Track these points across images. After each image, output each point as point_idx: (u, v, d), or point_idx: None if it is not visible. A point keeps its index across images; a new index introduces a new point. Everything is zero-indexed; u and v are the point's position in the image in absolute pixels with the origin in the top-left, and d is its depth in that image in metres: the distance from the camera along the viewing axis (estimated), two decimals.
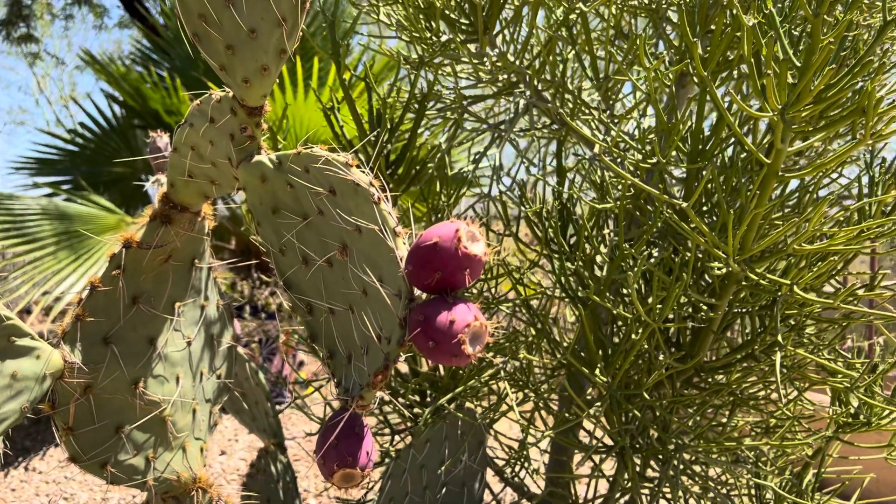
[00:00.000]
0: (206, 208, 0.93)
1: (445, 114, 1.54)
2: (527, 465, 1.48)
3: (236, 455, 3.37)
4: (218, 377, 1.02)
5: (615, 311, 1.17)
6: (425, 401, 1.55)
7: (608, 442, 1.34)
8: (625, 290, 1.34)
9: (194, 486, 0.94)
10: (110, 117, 5.08)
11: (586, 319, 1.19)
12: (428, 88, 1.41)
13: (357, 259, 0.69)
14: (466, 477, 1.36)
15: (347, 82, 1.34)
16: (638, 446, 1.29)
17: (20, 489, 2.98)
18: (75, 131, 5.20)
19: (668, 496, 1.28)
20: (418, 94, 1.41)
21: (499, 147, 1.53)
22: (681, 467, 1.23)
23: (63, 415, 0.81)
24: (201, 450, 0.97)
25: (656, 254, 1.31)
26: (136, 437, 0.87)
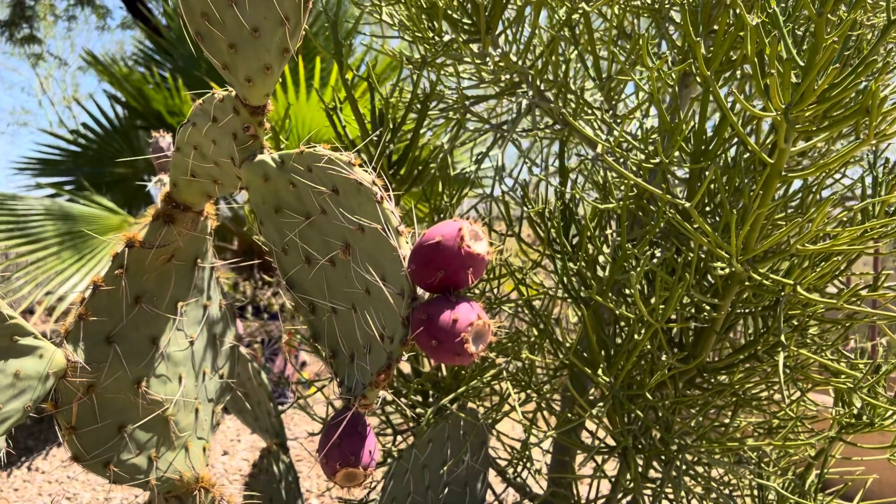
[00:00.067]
0: (209, 208, 0.93)
1: (448, 114, 1.54)
2: (529, 465, 1.48)
3: (239, 455, 3.37)
4: (220, 377, 1.02)
5: (618, 312, 1.17)
6: (428, 401, 1.55)
7: (611, 442, 1.34)
8: (627, 291, 1.33)
9: (197, 486, 0.94)
10: (113, 118, 5.10)
11: (589, 320, 1.19)
12: (430, 88, 1.41)
13: (360, 258, 0.69)
14: (469, 477, 1.36)
15: (350, 82, 1.34)
16: (640, 447, 1.29)
17: (23, 489, 2.99)
18: (78, 132, 5.22)
19: (671, 497, 1.28)
20: (421, 94, 1.41)
21: (501, 147, 1.53)
22: (683, 468, 1.23)
23: (66, 414, 0.81)
24: (204, 449, 0.97)
25: (659, 254, 1.30)
26: (138, 436, 0.87)
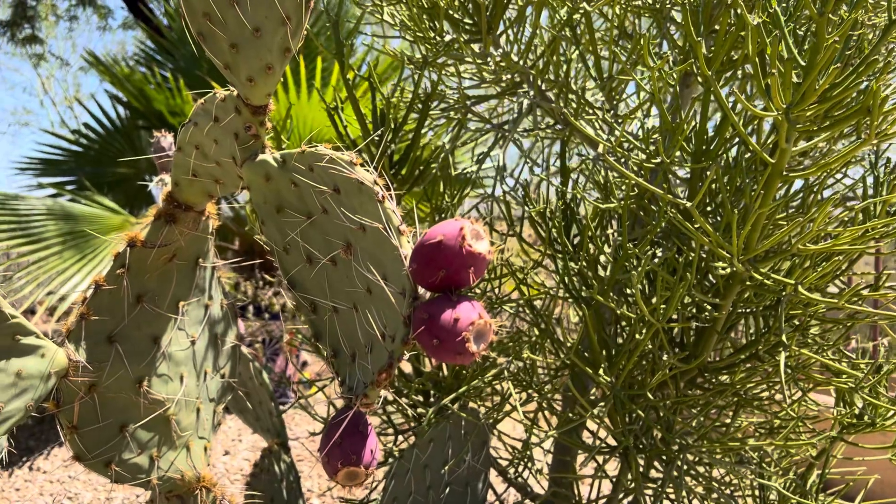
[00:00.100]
0: (211, 207, 0.94)
1: (449, 114, 1.54)
2: (530, 465, 1.48)
3: (240, 455, 3.37)
4: (222, 376, 1.02)
5: (619, 311, 1.17)
6: (429, 401, 1.55)
7: (612, 442, 1.34)
8: (628, 290, 1.33)
9: (198, 485, 0.94)
10: (114, 118, 5.11)
11: (590, 319, 1.19)
12: (431, 88, 1.41)
13: (361, 257, 0.69)
14: (470, 477, 1.36)
15: (351, 82, 1.34)
16: (641, 447, 1.29)
17: (24, 489, 2.99)
18: (79, 132, 5.22)
19: (672, 497, 1.28)
20: (422, 94, 1.41)
21: (502, 147, 1.53)
22: (684, 468, 1.23)
23: (67, 413, 0.81)
24: (205, 449, 0.98)
25: (660, 254, 1.30)
26: (140, 435, 0.87)
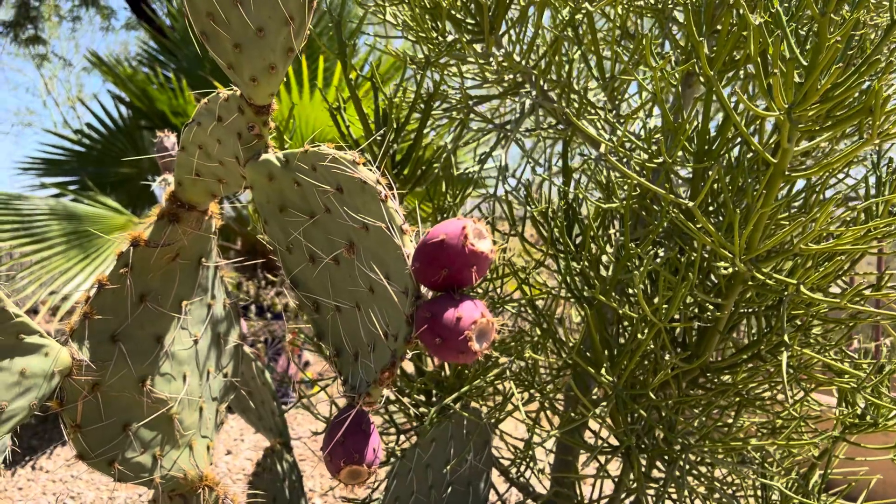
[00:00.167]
0: (214, 207, 0.94)
1: (451, 114, 1.54)
2: (532, 464, 1.48)
3: (242, 454, 3.38)
4: (224, 376, 1.02)
5: (621, 311, 1.17)
6: (431, 400, 1.55)
7: (614, 442, 1.34)
8: (631, 290, 1.33)
9: (201, 484, 0.94)
10: (117, 118, 5.11)
11: (592, 319, 1.19)
12: (434, 88, 1.41)
13: (364, 257, 0.69)
14: (472, 476, 1.37)
15: (353, 82, 1.35)
16: (644, 446, 1.29)
17: (27, 488, 3.00)
18: (82, 132, 5.24)
19: (674, 497, 1.28)
20: (424, 94, 1.41)
21: (504, 147, 1.53)
22: (686, 468, 1.23)
23: (71, 412, 0.81)
24: (208, 448, 0.98)
25: (662, 254, 1.31)
26: (143, 434, 0.87)
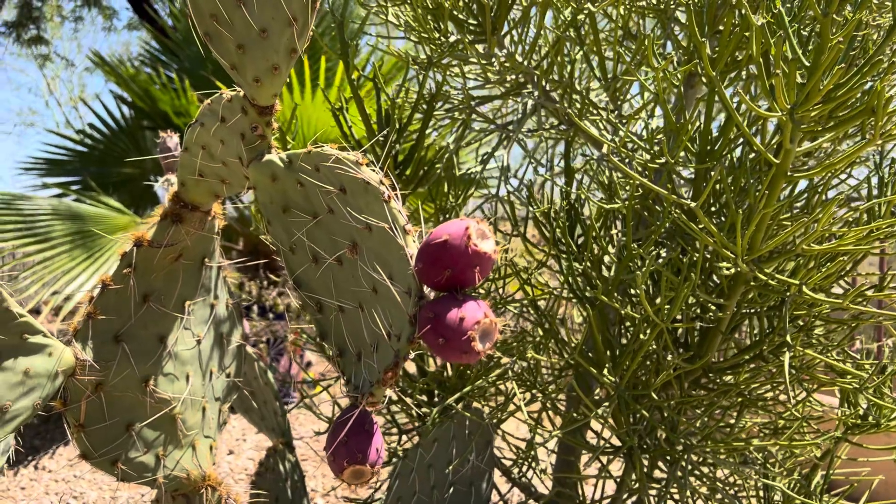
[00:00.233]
0: (217, 207, 0.94)
1: (453, 114, 1.54)
2: (534, 465, 1.48)
3: (244, 454, 3.38)
4: (227, 376, 1.02)
5: (623, 312, 1.17)
6: (433, 400, 1.55)
7: (616, 442, 1.34)
8: (633, 291, 1.33)
9: (204, 484, 0.94)
10: (119, 118, 5.12)
11: (594, 320, 1.19)
12: (436, 89, 1.42)
13: (367, 257, 0.69)
14: (474, 476, 1.37)
15: (356, 82, 1.35)
16: (646, 447, 1.29)
17: (30, 487, 3.00)
18: (84, 132, 5.24)
19: (676, 497, 1.28)
20: (426, 94, 1.41)
21: (507, 148, 1.53)
22: (689, 468, 1.23)
23: (74, 412, 0.82)
24: (210, 448, 0.98)
25: (664, 254, 1.31)
26: (146, 434, 0.88)
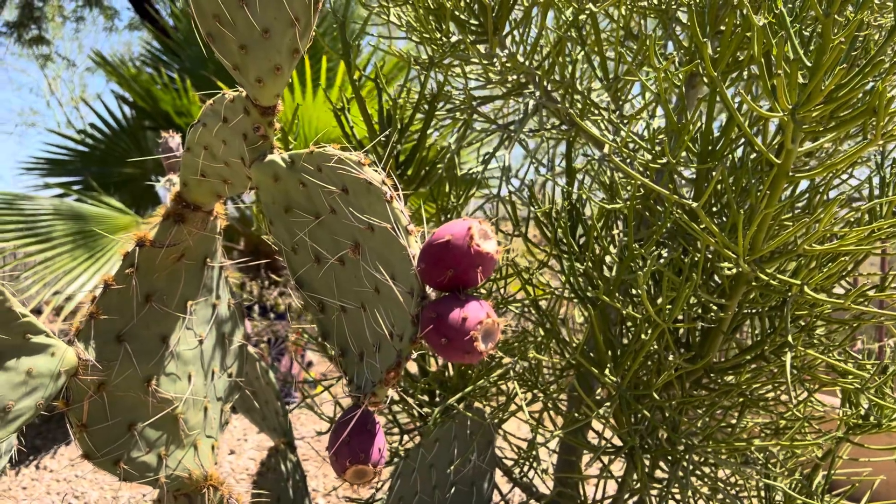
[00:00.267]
0: (219, 207, 0.94)
1: (455, 114, 1.55)
2: (536, 465, 1.48)
3: (245, 454, 3.38)
4: (229, 375, 1.02)
5: (625, 312, 1.17)
6: (434, 400, 1.55)
7: (617, 442, 1.34)
8: (634, 291, 1.34)
9: (205, 484, 0.94)
10: (121, 118, 5.12)
11: (596, 320, 1.19)
12: (438, 89, 1.42)
13: (369, 257, 0.70)
14: (475, 476, 1.37)
15: (357, 82, 1.35)
16: (647, 447, 1.29)
17: (31, 487, 3.01)
18: (86, 132, 5.24)
19: (678, 497, 1.28)
20: (428, 94, 1.41)
21: (508, 148, 1.53)
22: (690, 468, 1.23)
23: (77, 412, 0.82)
24: (212, 448, 0.98)
25: (666, 254, 1.31)
26: (148, 434, 0.88)
